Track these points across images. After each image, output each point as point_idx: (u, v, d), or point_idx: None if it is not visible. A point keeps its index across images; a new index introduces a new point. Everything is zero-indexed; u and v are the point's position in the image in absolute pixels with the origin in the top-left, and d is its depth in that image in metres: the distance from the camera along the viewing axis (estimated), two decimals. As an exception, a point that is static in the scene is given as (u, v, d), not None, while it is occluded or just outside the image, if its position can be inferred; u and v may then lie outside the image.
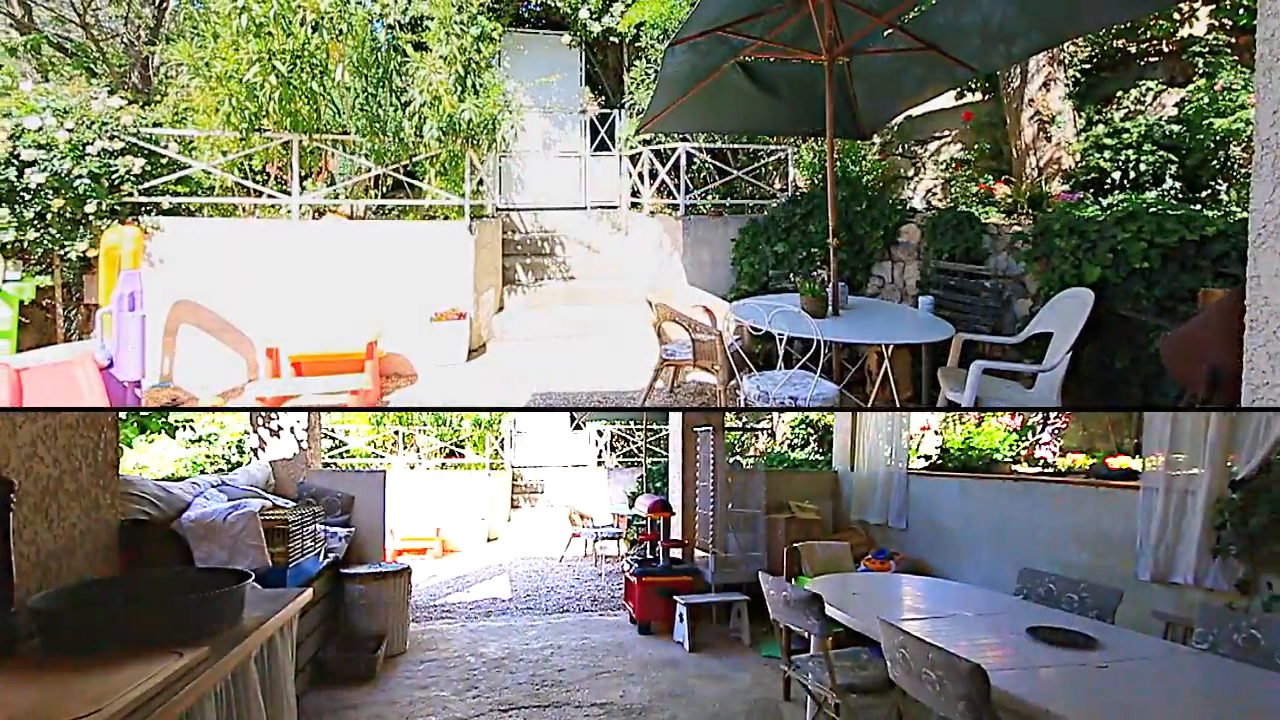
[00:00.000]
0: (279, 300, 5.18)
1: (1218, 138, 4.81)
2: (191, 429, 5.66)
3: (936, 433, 5.55)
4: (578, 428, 11.05)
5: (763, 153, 6.82)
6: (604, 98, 7.52)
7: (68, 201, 4.68)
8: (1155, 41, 5.73)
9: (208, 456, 5.79)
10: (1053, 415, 5.17)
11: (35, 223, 4.66)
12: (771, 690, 3.80)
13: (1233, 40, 5.32)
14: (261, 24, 4.68)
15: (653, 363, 4.49)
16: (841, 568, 4.15)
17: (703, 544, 5.24)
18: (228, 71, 4.80)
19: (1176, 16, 5.51)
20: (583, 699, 3.66)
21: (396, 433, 9.29)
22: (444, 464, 9.61)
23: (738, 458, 7.29)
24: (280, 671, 1.94)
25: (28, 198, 4.59)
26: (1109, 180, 5.11)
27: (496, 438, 10.10)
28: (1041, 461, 4.76)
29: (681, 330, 4.37)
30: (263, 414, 4.74)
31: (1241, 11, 5.26)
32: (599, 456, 11.16)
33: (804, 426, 7.45)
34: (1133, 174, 5.01)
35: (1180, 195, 4.89)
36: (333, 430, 8.66)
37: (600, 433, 11.21)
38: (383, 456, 9.23)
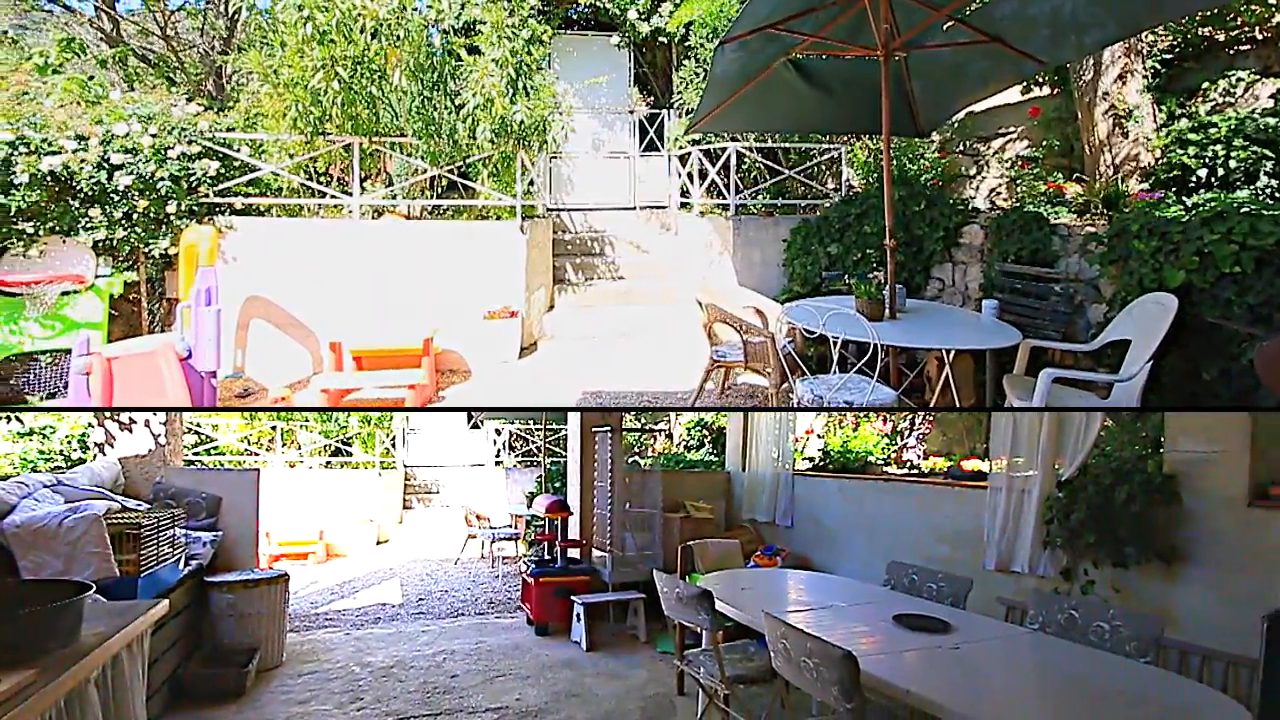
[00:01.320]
0: (341, 296, 5.39)
1: (1319, 131, 4.43)
2: (19, 420, 5.12)
3: (819, 436, 5.83)
4: (475, 426, 10.71)
5: (815, 151, 6.68)
6: (653, 98, 7.52)
7: (151, 202, 4.99)
8: (1247, 28, 5.32)
9: (41, 452, 5.11)
10: (918, 421, 5.63)
11: (123, 222, 4.98)
12: (666, 685, 3.84)
13: (1338, 25, 4.90)
14: (325, 32, 4.87)
15: (703, 364, 4.45)
16: (732, 564, 4.38)
17: (600, 543, 5.26)
18: (294, 78, 5.02)
19: (1272, 0, 5.10)
20: (477, 704, 3.56)
21: (274, 428, 8.60)
22: (328, 462, 8.96)
23: (636, 458, 7.31)
24: (127, 693, 1.76)
25: (116, 199, 4.91)
26: (1194, 178, 4.77)
27: (388, 435, 9.66)
28: (908, 464, 5.19)
29: (732, 331, 4.32)
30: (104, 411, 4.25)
31: (1348, -6, 4.84)
32: (497, 456, 10.88)
33: (700, 429, 7.51)
34: (1221, 171, 4.66)
35: (1277, 195, 4.53)
36: (198, 424, 7.98)
37: (499, 432, 10.91)
38: (257, 454, 8.54)
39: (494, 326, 5.50)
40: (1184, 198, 4.50)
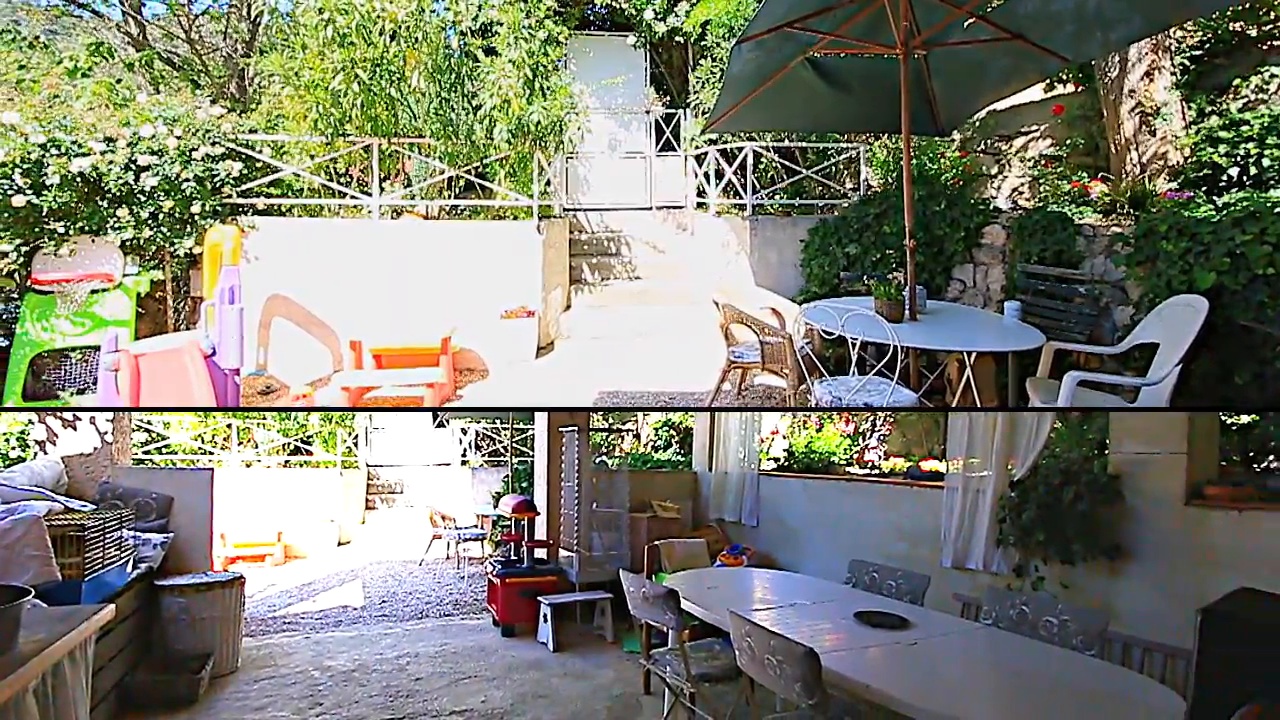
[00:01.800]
0: (361, 295, 5.45)
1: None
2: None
3: (784, 437, 5.91)
4: (440, 425, 10.54)
5: (833, 151, 6.62)
6: (669, 98, 7.51)
7: (177, 203, 5.08)
8: (1281, 23, 5.18)
9: (-22, 452, 4.95)
10: (878, 423, 5.74)
11: (149, 222, 5.08)
12: (632, 685, 3.82)
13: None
14: (345, 35, 4.93)
15: (720, 364, 4.43)
16: (699, 564, 4.46)
17: (567, 543, 5.25)
18: (315, 80, 5.09)
19: (1308, -6, 4.97)
20: (441, 707, 3.51)
21: (229, 426, 8.30)
22: (287, 461, 8.71)
23: (603, 458, 7.31)
24: (69, 703, 1.70)
25: (143, 199, 5.01)
26: (1225, 177, 4.66)
27: (350, 434, 9.43)
28: (870, 464, 5.30)
29: (749, 332, 4.30)
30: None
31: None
32: (463, 455, 10.72)
33: (667, 429, 7.49)
34: (1254, 170, 4.55)
35: (1312, 195, 4.41)
36: (149, 422, 7.68)
37: (464, 431, 10.72)
38: (212, 453, 8.23)
39: (511, 326, 5.53)
40: (1214, 197, 4.40)
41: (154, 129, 4.99)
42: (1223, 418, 3.45)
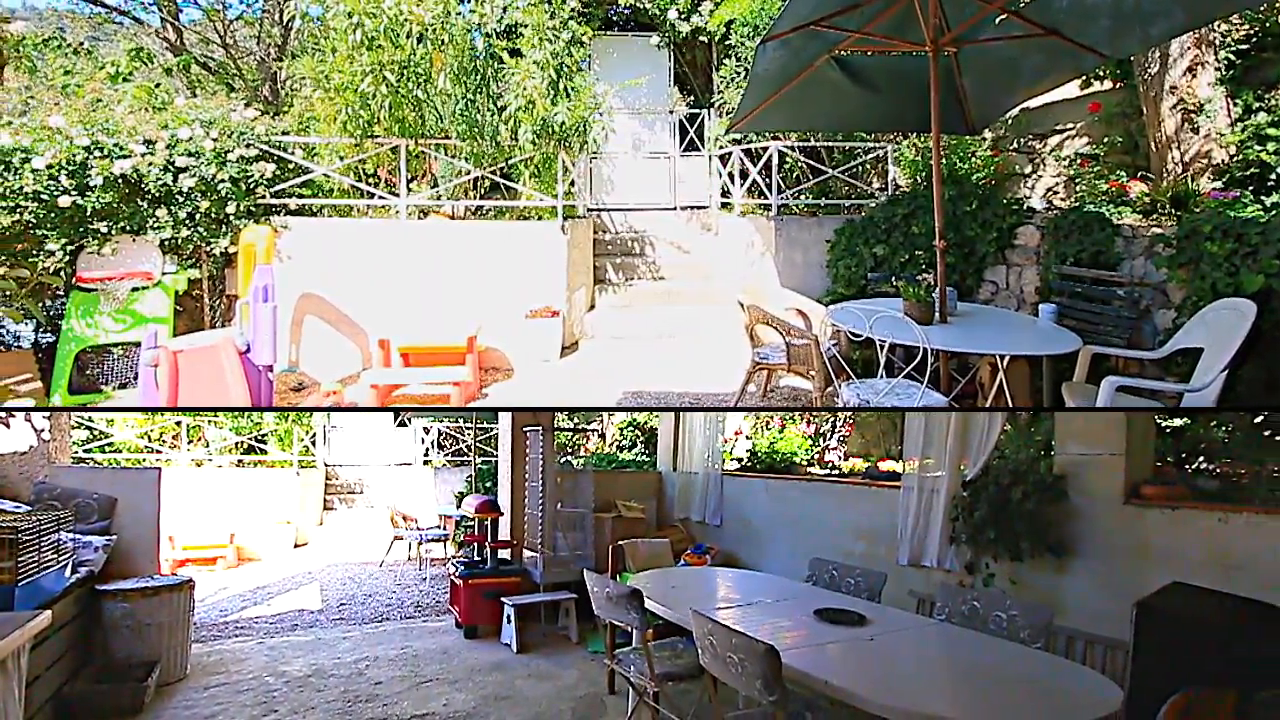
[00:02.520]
0: (389, 294, 5.52)
1: None
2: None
3: (747, 437, 5.94)
4: (402, 424, 10.34)
5: (860, 150, 6.52)
6: (692, 97, 7.47)
7: (213, 203, 5.21)
8: (1335, 15, 4.96)
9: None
10: (839, 424, 5.80)
11: (187, 222, 5.22)
12: (597, 685, 3.79)
13: None
14: (373, 38, 5.01)
15: (745, 365, 4.40)
16: (663, 563, 4.46)
17: (531, 544, 5.19)
18: (344, 83, 5.18)
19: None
20: (402, 711, 3.44)
21: (179, 424, 7.96)
22: (241, 460, 8.45)
23: (568, 458, 7.28)
24: (0, 714, 1.64)
25: (181, 200, 5.15)
26: (1273, 176, 4.49)
27: (308, 432, 9.17)
28: (830, 464, 5.39)
29: (775, 333, 4.26)
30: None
31: None
32: (425, 454, 10.51)
33: (632, 429, 7.39)
34: (1303, 168, 4.37)
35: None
36: (90, 419, 7.39)
37: (426, 430, 10.49)
38: (159, 451, 7.91)
39: (536, 325, 5.56)
40: (1262, 197, 4.24)
41: (191, 131, 5.13)
42: (1157, 420, 3.60)
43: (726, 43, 6.77)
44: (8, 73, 5.60)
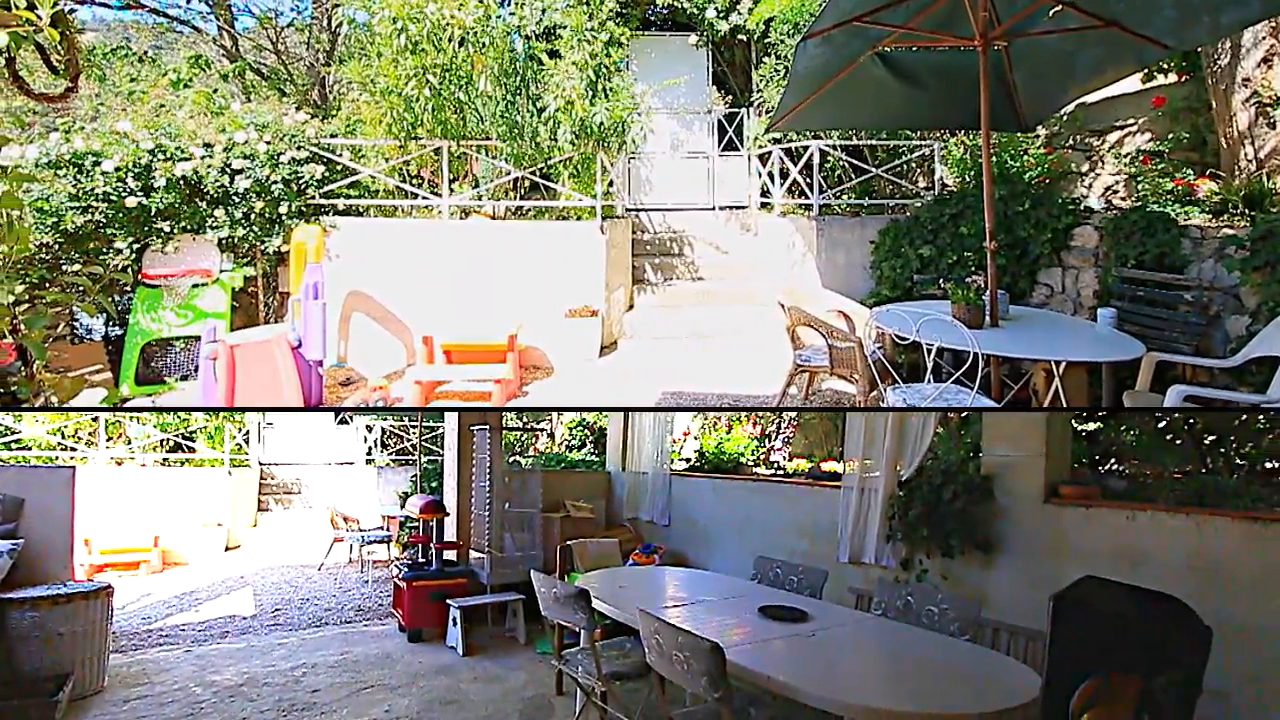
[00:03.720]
0: (433, 292, 5.64)
1: None
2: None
3: (695, 438, 5.93)
4: (343, 422, 9.88)
5: (904, 149, 6.35)
6: (731, 97, 7.39)
7: (266, 203, 5.41)
8: None
9: None
10: (784, 425, 5.81)
11: (243, 222, 5.44)
12: (545, 686, 3.71)
13: None
14: (416, 42, 5.12)
15: (786, 367, 4.34)
16: (611, 563, 4.46)
17: (478, 544, 5.09)
18: (389, 86, 5.31)
19: None
20: (340, 719, 3.30)
21: (96, 419, 7.50)
22: (166, 459, 8.04)
23: (517, 457, 7.13)
24: None
25: (237, 200, 5.37)
26: (1357, 173, 4.19)
27: (240, 429, 8.77)
28: (775, 465, 5.46)
29: (817, 335, 4.18)
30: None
31: None
32: (368, 454, 10.09)
33: (581, 429, 7.22)
34: (1391, 165, 4.06)
35: None
36: None
37: (369, 428, 10.08)
38: (74, 449, 7.49)
39: (575, 325, 5.59)
40: (1343, 195, 3.96)
41: (246, 135, 5.33)
42: (1073, 423, 3.68)
43: (766, 41, 6.67)
44: (80, 81, 5.93)
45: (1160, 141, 5.36)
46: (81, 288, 5.21)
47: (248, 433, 8.99)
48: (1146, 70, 5.45)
